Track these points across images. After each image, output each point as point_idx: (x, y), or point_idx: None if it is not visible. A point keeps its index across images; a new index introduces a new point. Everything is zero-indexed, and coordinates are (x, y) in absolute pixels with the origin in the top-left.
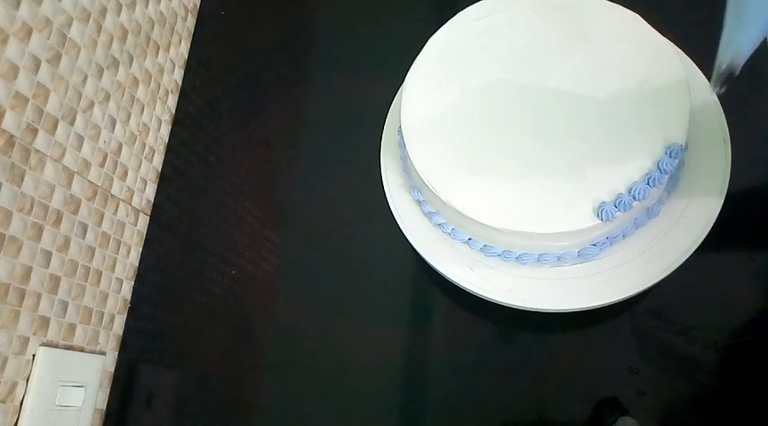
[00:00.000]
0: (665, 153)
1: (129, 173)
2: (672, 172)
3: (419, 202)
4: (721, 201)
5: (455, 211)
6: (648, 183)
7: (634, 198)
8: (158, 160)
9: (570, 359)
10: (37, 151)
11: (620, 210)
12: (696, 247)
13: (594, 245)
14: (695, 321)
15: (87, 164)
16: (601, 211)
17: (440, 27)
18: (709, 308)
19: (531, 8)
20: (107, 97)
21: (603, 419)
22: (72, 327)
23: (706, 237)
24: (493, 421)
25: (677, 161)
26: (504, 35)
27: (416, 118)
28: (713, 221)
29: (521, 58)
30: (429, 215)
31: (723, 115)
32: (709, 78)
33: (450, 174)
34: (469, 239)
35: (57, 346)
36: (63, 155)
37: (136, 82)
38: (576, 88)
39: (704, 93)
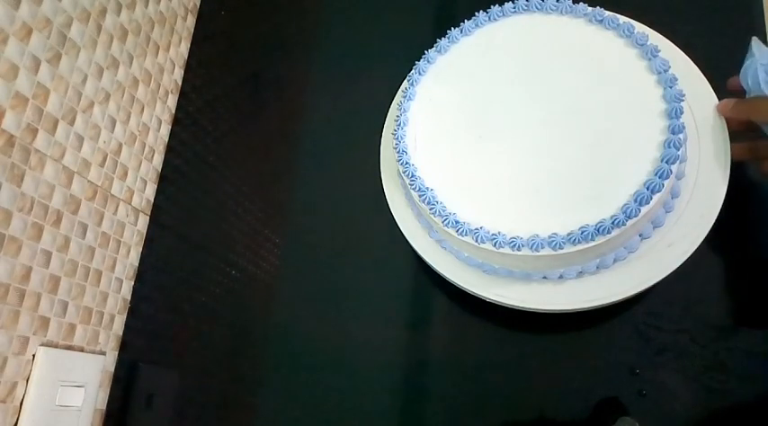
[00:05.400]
0: (663, 160)
1: (129, 173)
2: (671, 176)
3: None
4: (721, 201)
5: (456, 239)
6: (648, 188)
7: (627, 217)
8: (158, 160)
9: (570, 359)
10: (37, 151)
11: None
12: (696, 247)
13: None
14: (695, 321)
15: (87, 164)
16: (601, 228)
17: (439, 27)
18: (709, 308)
19: (532, 17)
20: (107, 97)
21: (603, 419)
22: (72, 327)
23: (706, 237)
24: (493, 421)
25: (676, 166)
26: (506, 44)
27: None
28: (713, 221)
29: (521, 65)
30: (428, 229)
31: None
32: (709, 80)
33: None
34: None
35: (57, 346)
36: (63, 155)
37: (136, 82)
38: (577, 96)
39: (704, 95)
